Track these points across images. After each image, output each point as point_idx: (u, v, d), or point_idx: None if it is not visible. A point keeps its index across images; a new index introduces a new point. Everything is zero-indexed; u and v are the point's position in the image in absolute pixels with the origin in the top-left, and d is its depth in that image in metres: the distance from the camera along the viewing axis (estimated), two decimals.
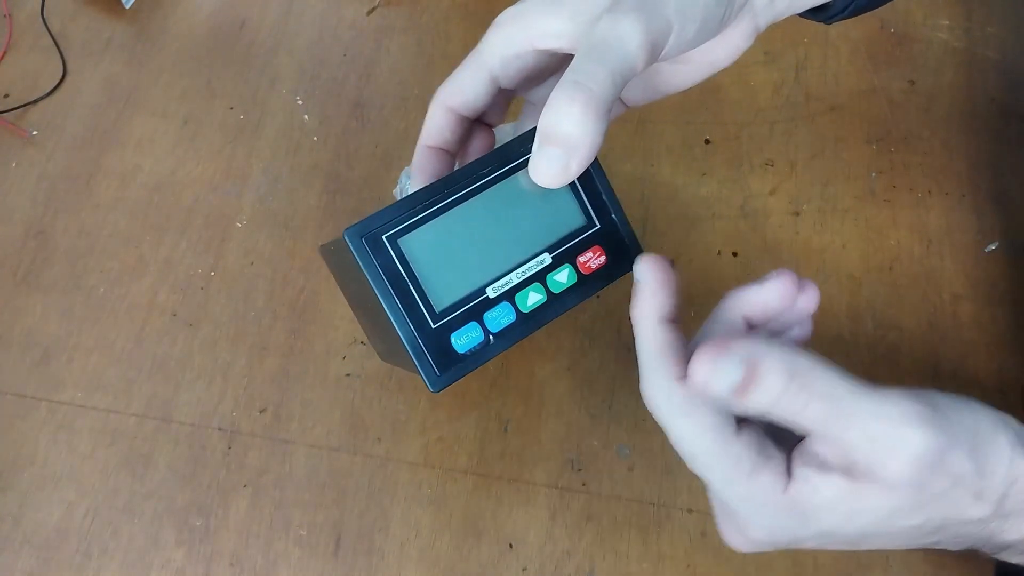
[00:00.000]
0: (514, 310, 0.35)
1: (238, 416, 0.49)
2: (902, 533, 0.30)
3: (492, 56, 0.36)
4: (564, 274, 0.36)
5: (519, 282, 0.35)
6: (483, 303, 0.35)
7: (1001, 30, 0.60)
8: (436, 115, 0.38)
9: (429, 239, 0.34)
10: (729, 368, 0.27)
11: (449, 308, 0.35)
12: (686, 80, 0.40)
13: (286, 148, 0.57)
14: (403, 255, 0.34)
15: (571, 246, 0.36)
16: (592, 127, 0.30)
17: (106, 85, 0.60)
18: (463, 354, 0.35)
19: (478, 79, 0.36)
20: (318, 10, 0.63)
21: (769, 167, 0.56)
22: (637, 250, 0.37)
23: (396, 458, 0.48)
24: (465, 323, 0.35)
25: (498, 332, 0.35)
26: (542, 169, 0.31)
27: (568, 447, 0.48)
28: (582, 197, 0.36)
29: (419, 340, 0.34)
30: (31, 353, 0.51)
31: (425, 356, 0.34)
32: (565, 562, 0.45)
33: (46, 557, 0.46)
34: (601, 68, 0.31)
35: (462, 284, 0.35)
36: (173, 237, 0.54)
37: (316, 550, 0.45)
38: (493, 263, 0.35)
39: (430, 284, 0.34)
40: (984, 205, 0.54)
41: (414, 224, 0.34)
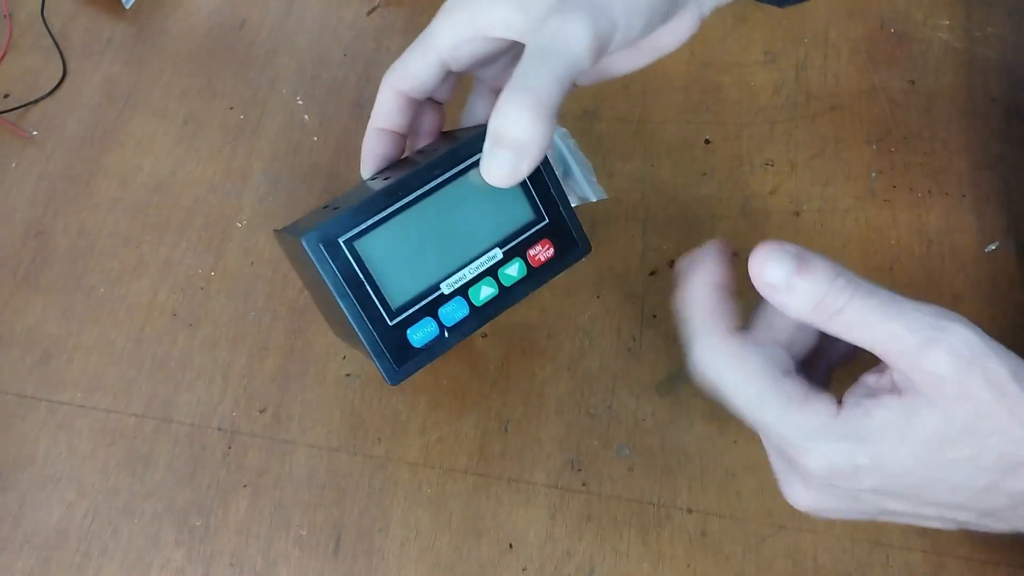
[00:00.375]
0: (467, 304, 0.37)
1: (238, 416, 0.49)
2: (959, 473, 0.30)
3: (442, 41, 0.36)
4: (515, 268, 0.38)
5: (472, 277, 0.37)
6: (438, 299, 0.36)
7: (1001, 30, 0.60)
8: (385, 98, 0.38)
9: (384, 240, 0.35)
10: (783, 258, 0.29)
11: (405, 305, 0.36)
12: (632, 65, 0.40)
13: (286, 148, 0.57)
14: (359, 257, 0.35)
15: (521, 240, 0.38)
16: (540, 130, 0.31)
17: (106, 85, 0.60)
18: (420, 348, 0.36)
19: (427, 63, 0.37)
20: (318, 10, 0.63)
21: (769, 167, 0.56)
22: (584, 242, 0.39)
23: (396, 458, 0.48)
24: (421, 318, 0.36)
25: (452, 326, 0.37)
26: (493, 171, 0.32)
27: (568, 447, 0.48)
28: (531, 193, 0.38)
29: (376, 337, 0.35)
30: (31, 353, 0.51)
31: (383, 352, 0.36)
32: (565, 562, 0.45)
33: (46, 557, 0.46)
34: (549, 72, 0.31)
35: (417, 281, 0.36)
36: (173, 237, 0.54)
37: (316, 550, 0.45)
38: (447, 260, 0.37)
39: (386, 283, 0.35)
40: (984, 205, 0.54)
41: (371, 227, 0.35)
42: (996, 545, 0.44)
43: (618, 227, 0.54)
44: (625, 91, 0.58)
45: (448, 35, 0.36)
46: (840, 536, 0.45)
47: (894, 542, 0.45)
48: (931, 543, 0.45)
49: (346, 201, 0.37)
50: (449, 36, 0.36)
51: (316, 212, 0.41)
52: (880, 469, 0.30)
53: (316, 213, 0.40)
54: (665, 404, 0.49)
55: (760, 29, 0.61)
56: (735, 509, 0.46)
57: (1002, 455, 0.29)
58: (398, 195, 0.35)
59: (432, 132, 0.42)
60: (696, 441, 0.48)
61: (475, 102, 0.42)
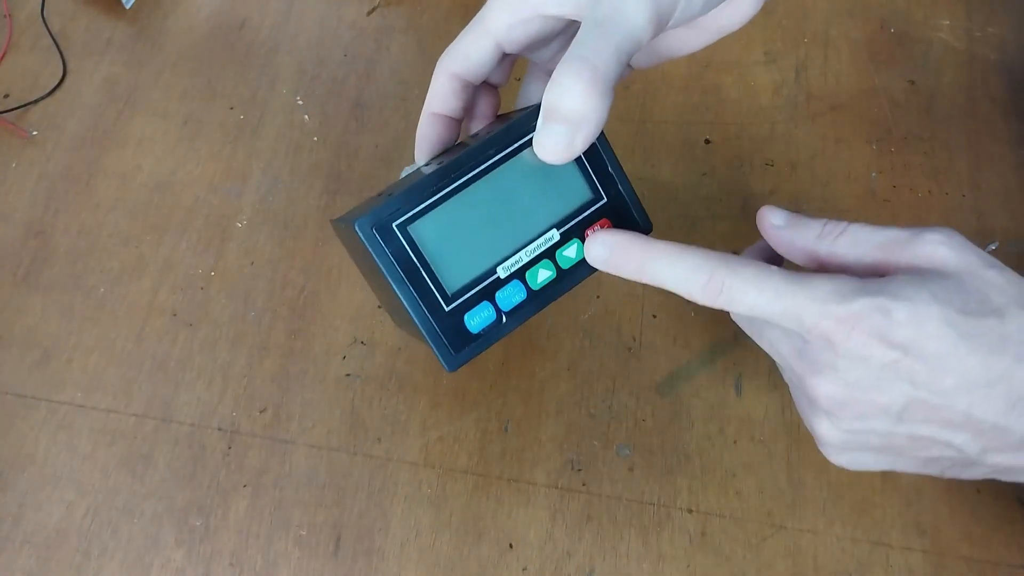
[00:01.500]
0: (525, 288, 0.36)
1: (238, 416, 0.49)
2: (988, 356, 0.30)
3: (496, 22, 0.35)
4: (573, 249, 0.36)
5: (529, 260, 0.36)
6: (494, 283, 0.35)
7: (1001, 30, 0.60)
8: (441, 82, 0.37)
9: (439, 224, 0.34)
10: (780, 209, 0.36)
11: (461, 290, 0.35)
12: (693, 45, 0.39)
13: (286, 148, 0.57)
14: (414, 242, 0.34)
15: (579, 221, 0.36)
16: (597, 103, 0.30)
17: (106, 85, 0.60)
18: (477, 334, 0.35)
19: (482, 46, 0.36)
20: (318, 10, 0.63)
21: (769, 167, 0.56)
22: (645, 220, 0.37)
23: (396, 458, 0.48)
24: (478, 303, 0.35)
25: (510, 310, 0.36)
26: (548, 146, 0.31)
27: (568, 447, 0.48)
28: (588, 171, 0.36)
29: (433, 323, 0.35)
30: (31, 353, 0.51)
31: (440, 338, 0.35)
32: (565, 562, 0.45)
33: (46, 557, 0.46)
34: (606, 43, 0.30)
35: (473, 265, 0.35)
36: (173, 237, 0.54)
37: (316, 550, 0.45)
38: (503, 243, 0.36)
39: (442, 268, 0.35)
40: (984, 205, 0.54)
41: (424, 210, 0.34)
42: (996, 545, 0.44)
43: None
44: (625, 91, 0.58)
45: (503, 16, 0.35)
46: (840, 536, 0.45)
47: (894, 542, 0.45)
48: (931, 543, 0.45)
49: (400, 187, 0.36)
50: (504, 17, 0.35)
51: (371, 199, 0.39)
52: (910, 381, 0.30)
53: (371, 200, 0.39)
54: (665, 404, 0.49)
55: (760, 29, 0.61)
56: (735, 509, 0.46)
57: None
58: (451, 177, 0.34)
59: (488, 116, 0.41)
60: (696, 441, 0.48)
61: (530, 85, 0.41)
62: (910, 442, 0.32)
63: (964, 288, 0.31)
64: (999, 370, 0.30)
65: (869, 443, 0.33)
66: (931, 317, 0.30)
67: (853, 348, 0.31)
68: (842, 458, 0.34)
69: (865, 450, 0.33)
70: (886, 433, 0.32)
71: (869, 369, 0.31)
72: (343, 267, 0.53)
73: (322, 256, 0.54)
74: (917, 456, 0.33)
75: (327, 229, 0.54)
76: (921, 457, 0.33)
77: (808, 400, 0.34)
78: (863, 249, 0.33)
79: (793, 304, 0.31)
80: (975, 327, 0.30)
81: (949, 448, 0.32)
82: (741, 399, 0.49)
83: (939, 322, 0.30)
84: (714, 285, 0.32)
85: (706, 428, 0.48)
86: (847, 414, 0.32)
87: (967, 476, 0.34)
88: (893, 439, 0.32)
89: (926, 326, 0.30)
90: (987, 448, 0.32)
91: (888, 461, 0.34)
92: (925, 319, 0.30)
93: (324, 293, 0.52)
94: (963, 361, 0.30)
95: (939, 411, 0.31)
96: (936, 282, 0.31)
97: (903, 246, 0.32)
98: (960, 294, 0.31)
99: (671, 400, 0.49)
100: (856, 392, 0.31)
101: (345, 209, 0.55)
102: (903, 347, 0.30)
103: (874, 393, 0.31)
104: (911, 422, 0.31)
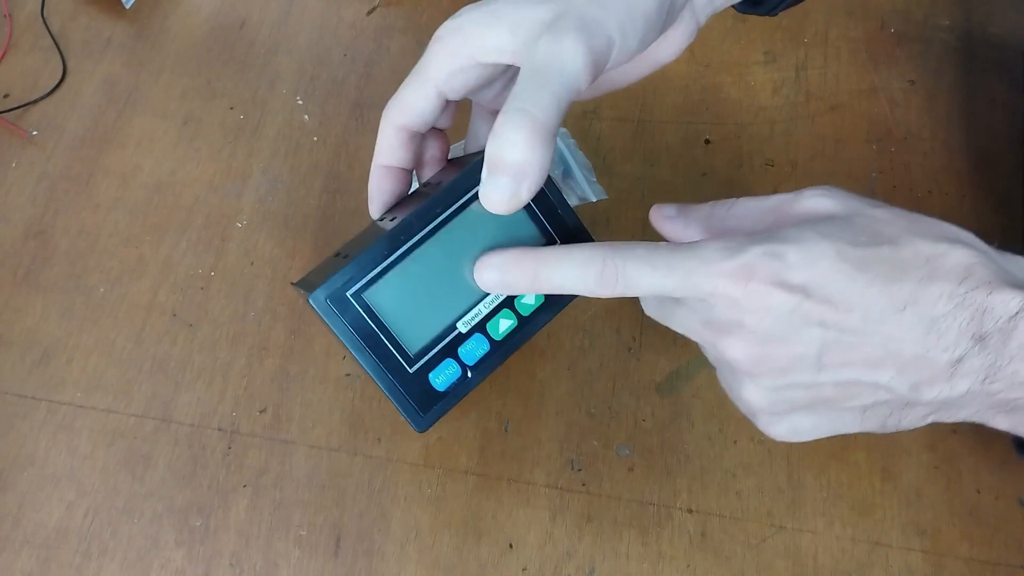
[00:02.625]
0: (487, 340, 0.36)
1: (238, 416, 0.49)
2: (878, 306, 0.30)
3: (436, 71, 0.36)
4: (531, 296, 0.36)
5: (488, 312, 0.36)
6: (456, 339, 0.36)
7: (1001, 30, 0.60)
8: (387, 135, 0.38)
9: (394, 287, 0.34)
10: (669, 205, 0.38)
11: (423, 350, 0.35)
12: (629, 78, 0.40)
13: (286, 148, 0.57)
14: (370, 308, 0.34)
15: None
16: (539, 153, 0.30)
17: (106, 85, 0.60)
18: (444, 392, 0.36)
19: (424, 94, 0.36)
20: (318, 10, 0.63)
21: (769, 167, 0.56)
22: None
23: (396, 458, 0.48)
24: (441, 361, 0.35)
25: (475, 364, 0.36)
26: (494, 198, 0.31)
27: (568, 447, 0.48)
28: (538, 216, 0.36)
29: (398, 387, 0.35)
30: (31, 353, 0.51)
31: (407, 400, 0.35)
32: (565, 562, 0.45)
33: (46, 557, 0.46)
34: (545, 93, 0.31)
35: (433, 324, 0.35)
36: (173, 237, 0.54)
37: (316, 550, 0.45)
38: (460, 297, 0.36)
39: (401, 331, 0.35)
40: (984, 205, 0.54)
41: (378, 275, 0.34)
42: (996, 545, 0.44)
43: (618, 227, 0.54)
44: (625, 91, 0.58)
45: (442, 65, 0.35)
46: (840, 536, 0.45)
47: (894, 542, 0.45)
48: (931, 543, 0.45)
49: (354, 247, 0.36)
50: (443, 66, 0.35)
51: (327, 262, 0.40)
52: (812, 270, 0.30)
53: (327, 264, 0.39)
54: (665, 404, 0.49)
55: (760, 29, 0.61)
56: (735, 509, 0.46)
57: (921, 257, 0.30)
58: (401, 239, 0.34)
59: (438, 160, 0.41)
60: (696, 441, 0.48)
61: (477, 126, 0.42)
62: (838, 391, 0.31)
63: (852, 225, 0.31)
64: (903, 296, 0.30)
65: (797, 400, 0.32)
66: (824, 254, 0.30)
67: (754, 299, 0.30)
68: (780, 427, 0.33)
69: (797, 410, 0.33)
70: (810, 384, 0.31)
71: (776, 318, 0.30)
72: None
73: (322, 256, 0.53)
74: (851, 407, 0.32)
75: (327, 229, 0.54)
76: (855, 407, 0.32)
77: (729, 369, 0.33)
78: (754, 218, 0.34)
79: (686, 271, 0.31)
80: (870, 256, 0.30)
81: (878, 390, 0.31)
82: None
83: (833, 258, 0.30)
84: (608, 273, 0.32)
85: (706, 428, 0.48)
86: (766, 370, 0.31)
87: (910, 423, 0.32)
88: (820, 391, 0.31)
89: (820, 263, 0.30)
90: (917, 383, 0.30)
91: (826, 422, 0.33)
92: (818, 256, 0.30)
93: None
94: (865, 293, 0.30)
95: (855, 349, 0.30)
96: (824, 222, 0.31)
97: (790, 206, 0.33)
98: (849, 230, 0.31)
99: (671, 400, 0.49)
100: (769, 346, 0.31)
101: (344, 209, 0.55)
102: (803, 289, 0.30)
103: (787, 343, 0.31)
104: (831, 367, 0.31)
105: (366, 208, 0.56)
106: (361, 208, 0.55)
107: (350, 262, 0.34)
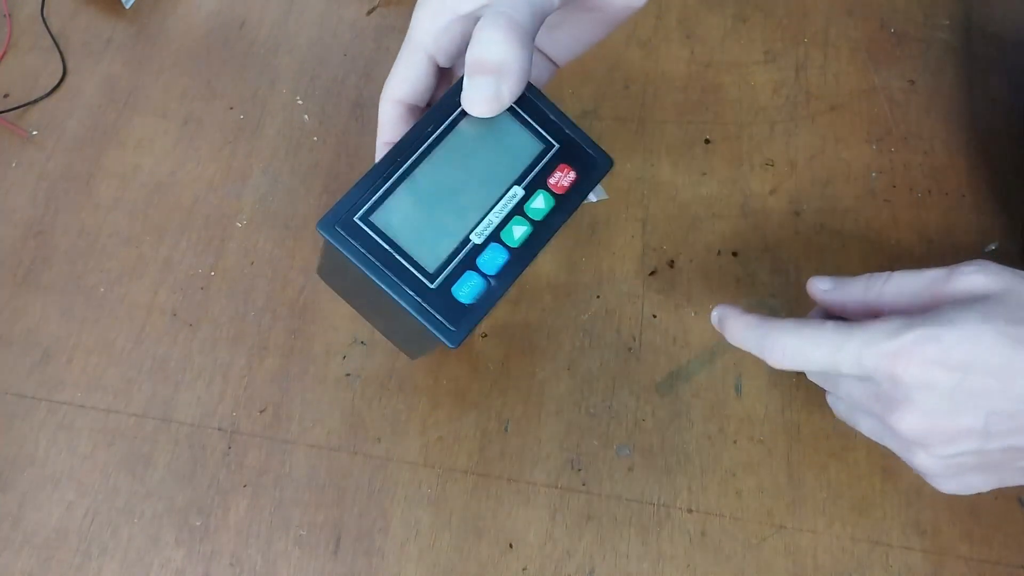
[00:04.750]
0: (504, 248, 0.36)
1: (238, 416, 0.49)
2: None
3: (423, 35, 0.36)
4: (540, 200, 0.37)
5: (500, 221, 0.36)
6: (472, 250, 0.36)
7: (1001, 30, 0.60)
8: (388, 111, 0.38)
9: (400, 207, 0.35)
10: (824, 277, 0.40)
11: (441, 265, 0.35)
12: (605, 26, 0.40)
13: (286, 148, 0.57)
14: (380, 230, 0.35)
15: (537, 172, 0.37)
16: (519, 52, 0.31)
17: (106, 85, 0.60)
18: (470, 304, 0.35)
19: (417, 62, 0.37)
20: (318, 10, 0.63)
21: (769, 167, 0.56)
22: (602, 156, 0.38)
23: (396, 458, 0.48)
24: (462, 274, 0.35)
25: (496, 273, 0.36)
26: (475, 99, 0.32)
27: (568, 447, 0.48)
28: (531, 124, 0.37)
29: (424, 304, 0.35)
30: (31, 353, 0.51)
31: (434, 317, 0.35)
32: (565, 562, 0.45)
33: (46, 557, 0.46)
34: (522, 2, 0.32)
35: (446, 239, 0.36)
36: (173, 237, 0.54)
37: (316, 550, 0.45)
38: (469, 211, 0.36)
39: (415, 249, 0.35)
40: (984, 205, 0.54)
41: (381, 197, 0.35)
42: (996, 545, 0.44)
43: (618, 227, 0.54)
44: (625, 91, 0.58)
45: (427, 27, 0.36)
46: (840, 536, 0.45)
47: (894, 542, 0.45)
48: (931, 543, 0.45)
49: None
50: (428, 28, 0.36)
51: None
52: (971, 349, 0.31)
53: None
54: (665, 404, 0.49)
55: (760, 29, 0.61)
56: (735, 509, 0.46)
57: None
58: (398, 161, 0.35)
59: None
60: (696, 441, 0.48)
61: None
62: (1005, 455, 0.33)
63: (1006, 303, 0.32)
64: None
65: (968, 464, 0.34)
66: (981, 333, 0.31)
67: (917, 378, 0.32)
68: (951, 485, 0.35)
69: (968, 472, 0.34)
70: (979, 451, 0.33)
71: (940, 395, 0.32)
72: None
73: None
74: (1019, 467, 0.34)
75: None
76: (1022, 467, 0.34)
77: (898, 439, 0.35)
78: (909, 293, 0.35)
79: (850, 350, 0.33)
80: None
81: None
82: (741, 399, 0.49)
83: (991, 335, 0.31)
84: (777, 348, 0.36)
85: (706, 428, 0.48)
86: (936, 441, 0.33)
87: None
88: (989, 456, 0.33)
89: (978, 343, 0.31)
90: None
91: (995, 479, 0.35)
92: (975, 336, 0.31)
93: (324, 293, 0.52)
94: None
95: (1019, 417, 0.32)
96: (978, 303, 0.32)
97: (944, 283, 0.34)
98: (1003, 308, 0.32)
99: (671, 400, 0.49)
100: (936, 420, 0.32)
101: None
102: (963, 367, 0.31)
103: (953, 417, 0.32)
104: (998, 436, 0.32)
105: None
106: None
107: (351, 189, 0.35)
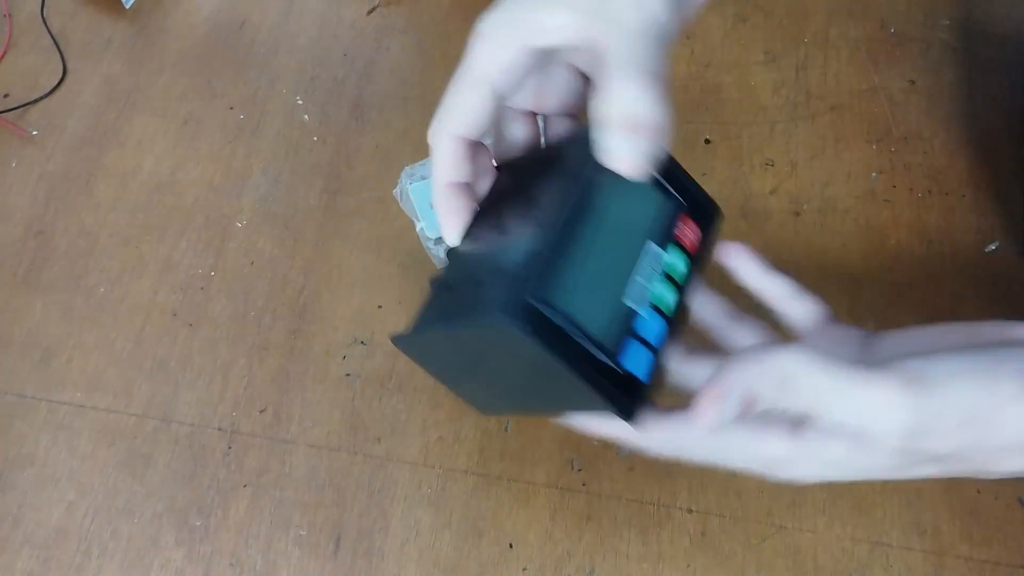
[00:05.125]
0: (659, 315, 0.33)
1: (238, 416, 0.49)
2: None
3: (488, 68, 0.33)
4: (677, 258, 0.34)
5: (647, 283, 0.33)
6: (629, 317, 0.32)
7: (1001, 30, 0.60)
8: (446, 148, 0.34)
9: (563, 279, 0.31)
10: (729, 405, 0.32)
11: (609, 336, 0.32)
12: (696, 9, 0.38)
13: (286, 148, 0.57)
14: (552, 305, 0.30)
15: (665, 226, 0.34)
16: (669, 107, 0.30)
17: (106, 85, 0.60)
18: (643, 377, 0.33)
19: (481, 97, 0.33)
20: (318, 10, 0.63)
21: (769, 167, 0.56)
22: (712, 204, 0.36)
23: (396, 458, 0.48)
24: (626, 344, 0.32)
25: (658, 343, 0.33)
26: (627, 158, 0.31)
27: (568, 447, 0.48)
28: (659, 180, 0.35)
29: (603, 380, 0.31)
30: (31, 353, 0.51)
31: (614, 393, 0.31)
32: (565, 562, 0.45)
33: (46, 557, 0.46)
34: (652, 48, 0.30)
35: (607, 307, 0.32)
36: (173, 237, 0.54)
37: (316, 550, 0.45)
38: (617, 275, 0.33)
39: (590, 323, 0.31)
40: (984, 205, 0.54)
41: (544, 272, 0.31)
42: (996, 545, 0.44)
43: None
44: None
45: (492, 60, 0.33)
46: (840, 536, 0.45)
47: (894, 542, 0.45)
48: (931, 543, 0.45)
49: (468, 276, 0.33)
50: (494, 60, 0.33)
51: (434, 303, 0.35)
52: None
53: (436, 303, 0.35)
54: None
55: (760, 29, 0.61)
56: (735, 509, 0.46)
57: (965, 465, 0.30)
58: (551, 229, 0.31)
59: (490, 169, 0.37)
60: None
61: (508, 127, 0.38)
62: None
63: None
64: None
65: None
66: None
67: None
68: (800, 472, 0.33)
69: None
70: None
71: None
72: (343, 267, 0.53)
73: (322, 256, 0.54)
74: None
75: (327, 229, 0.54)
76: None
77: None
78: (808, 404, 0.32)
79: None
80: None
81: None
82: None
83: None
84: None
85: None
86: None
87: None
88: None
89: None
90: None
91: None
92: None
93: (324, 293, 0.52)
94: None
95: None
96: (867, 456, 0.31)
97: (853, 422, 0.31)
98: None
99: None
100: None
101: (344, 209, 0.55)
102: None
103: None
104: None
105: (367, 208, 0.56)
106: (362, 208, 0.55)
107: (515, 266, 0.31)
